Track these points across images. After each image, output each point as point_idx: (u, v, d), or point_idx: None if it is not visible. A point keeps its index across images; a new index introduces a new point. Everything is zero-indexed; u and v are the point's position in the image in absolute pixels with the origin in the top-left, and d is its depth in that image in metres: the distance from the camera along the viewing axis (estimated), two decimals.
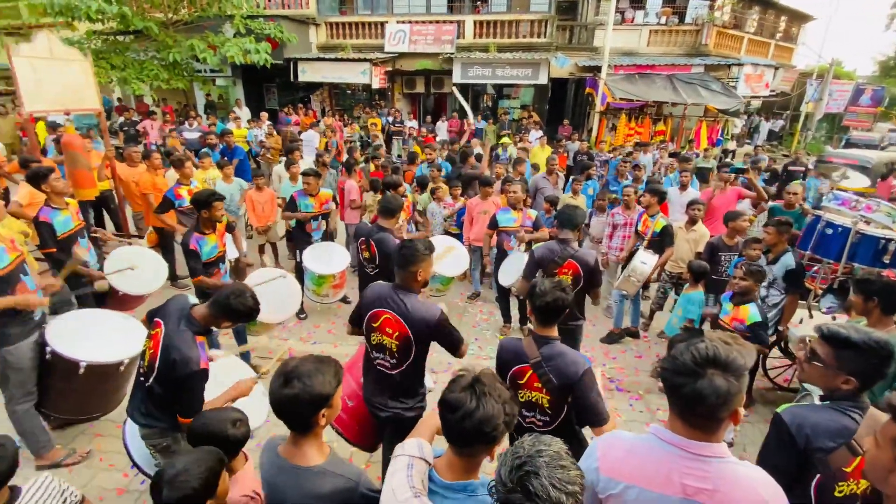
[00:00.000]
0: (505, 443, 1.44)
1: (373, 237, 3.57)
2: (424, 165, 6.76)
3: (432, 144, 7.87)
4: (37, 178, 3.74)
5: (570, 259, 3.20)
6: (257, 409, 2.61)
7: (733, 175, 5.80)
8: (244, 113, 12.86)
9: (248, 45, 11.21)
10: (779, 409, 1.57)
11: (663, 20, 14.03)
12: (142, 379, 2.12)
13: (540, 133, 11.25)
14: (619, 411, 3.79)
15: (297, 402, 1.36)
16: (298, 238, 5.00)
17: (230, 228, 4.01)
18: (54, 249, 3.55)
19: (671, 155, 9.47)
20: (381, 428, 2.50)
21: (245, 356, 4.10)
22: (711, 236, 4.53)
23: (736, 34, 14.45)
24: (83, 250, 3.73)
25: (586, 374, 1.91)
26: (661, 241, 4.52)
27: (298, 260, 4.88)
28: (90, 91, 5.35)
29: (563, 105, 15.50)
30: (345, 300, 5.10)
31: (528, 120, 13.32)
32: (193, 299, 2.24)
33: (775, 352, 4.11)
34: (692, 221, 4.64)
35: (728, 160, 8.28)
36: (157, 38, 10.74)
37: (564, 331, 2.64)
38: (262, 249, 5.81)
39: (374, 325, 2.26)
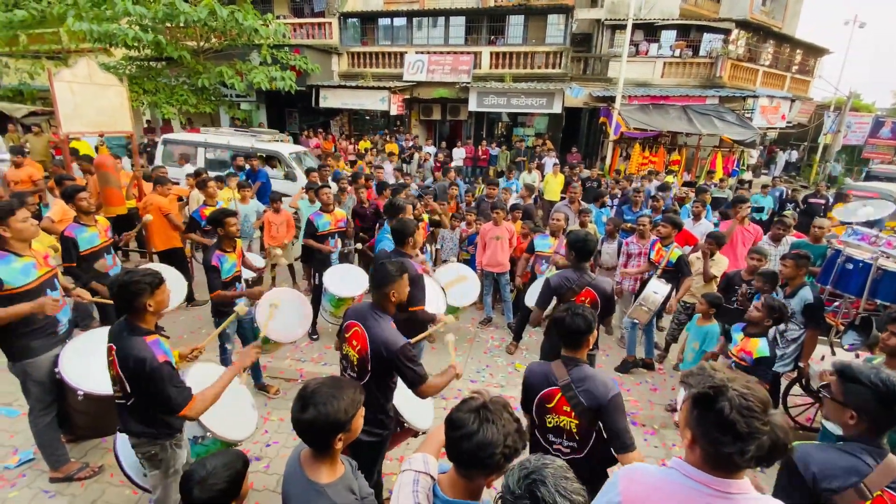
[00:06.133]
0: None
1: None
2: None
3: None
4: (68, 196, 3.95)
5: (588, 287, 3.18)
6: (247, 420, 2.69)
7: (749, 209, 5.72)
8: None
9: (273, 73, 11.70)
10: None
11: (677, 53, 14.24)
12: (121, 401, 2.16)
13: (555, 161, 11.36)
14: None
15: (313, 428, 1.41)
16: (316, 259, 5.07)
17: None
18: (74, 264, 3.67)
19: (685, 184, 9.45)
20: None
21: (257, 375, 4.13)
22: (729, 269, 4.47)
23: (751, 67, 14.57)
24: (107, 265, 3.86)
25: (616, 397, 1.92)
26: (677, 272, 4.47)
27: (317, 282, 4.91)
28: (124, 114, 5.62)
29: (576, 134, 15.68)
30: None
31: (542, 147, 13.47)
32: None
33: (797, 389, 3.99)
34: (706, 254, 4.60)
35: (743, 190, 8.21)
36: (188, 64, 11.28)
37: None
38: (274, 270, 5.90)
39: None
